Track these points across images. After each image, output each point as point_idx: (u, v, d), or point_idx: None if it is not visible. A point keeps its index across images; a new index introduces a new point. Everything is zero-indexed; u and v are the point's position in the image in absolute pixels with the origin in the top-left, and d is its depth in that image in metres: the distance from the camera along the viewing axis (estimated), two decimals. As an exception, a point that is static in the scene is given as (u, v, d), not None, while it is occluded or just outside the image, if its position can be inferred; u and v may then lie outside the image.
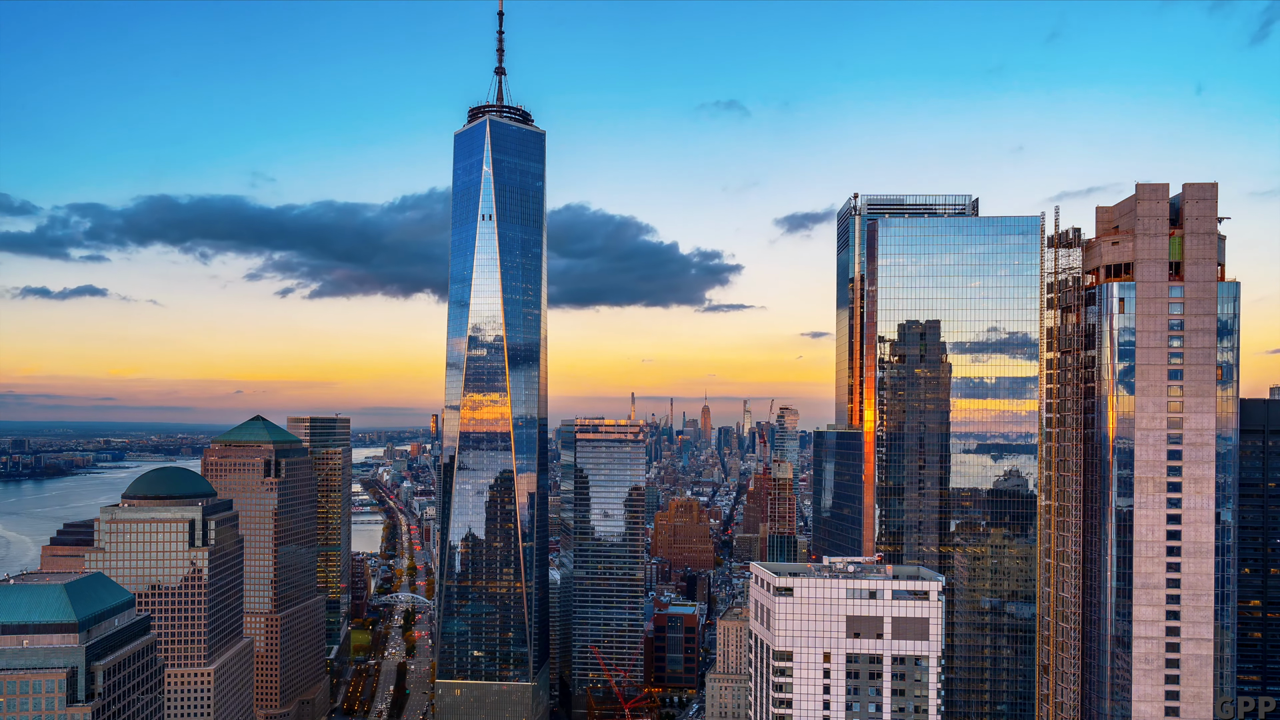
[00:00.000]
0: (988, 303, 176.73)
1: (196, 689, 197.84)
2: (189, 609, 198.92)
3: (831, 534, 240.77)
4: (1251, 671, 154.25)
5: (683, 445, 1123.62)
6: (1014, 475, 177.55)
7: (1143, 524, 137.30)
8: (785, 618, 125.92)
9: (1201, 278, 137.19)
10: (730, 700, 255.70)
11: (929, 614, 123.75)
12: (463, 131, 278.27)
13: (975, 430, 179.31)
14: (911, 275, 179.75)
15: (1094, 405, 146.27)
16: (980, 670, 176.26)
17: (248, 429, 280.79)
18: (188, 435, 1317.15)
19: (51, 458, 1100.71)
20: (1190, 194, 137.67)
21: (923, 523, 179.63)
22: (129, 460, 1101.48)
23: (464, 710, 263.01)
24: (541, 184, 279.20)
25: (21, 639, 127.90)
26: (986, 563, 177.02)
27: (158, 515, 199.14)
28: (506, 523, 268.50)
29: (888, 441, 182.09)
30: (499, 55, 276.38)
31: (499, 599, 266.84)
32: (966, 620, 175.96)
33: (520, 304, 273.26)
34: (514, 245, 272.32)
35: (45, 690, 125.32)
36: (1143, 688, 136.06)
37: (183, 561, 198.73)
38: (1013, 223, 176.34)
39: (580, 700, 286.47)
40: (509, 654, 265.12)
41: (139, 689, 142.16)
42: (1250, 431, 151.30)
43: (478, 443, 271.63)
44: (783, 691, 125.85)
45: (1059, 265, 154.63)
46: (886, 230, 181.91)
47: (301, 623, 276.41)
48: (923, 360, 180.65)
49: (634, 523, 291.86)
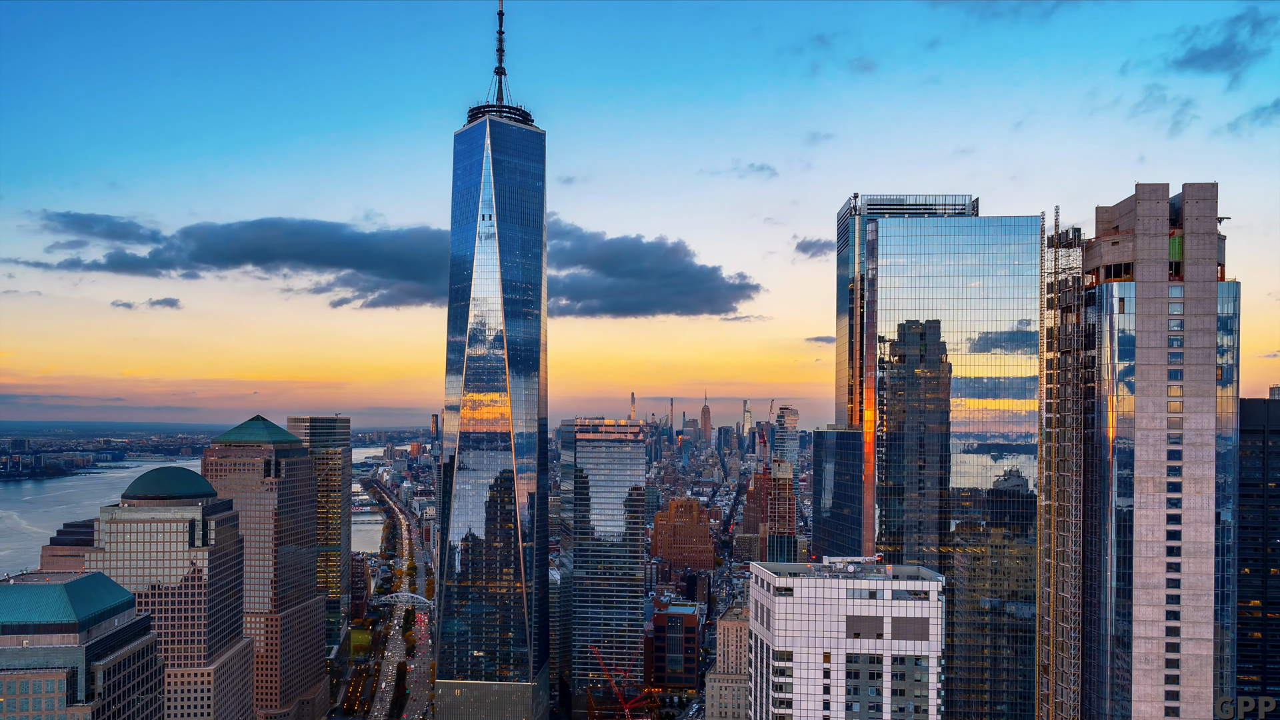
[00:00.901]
0: (988, 303, 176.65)
1: (196, 689, 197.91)
2: (189, 609, 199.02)
3: (831, 534, 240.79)
4: (1251, 671, 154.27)
5: (683, 445, 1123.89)
6: (1014, 475, 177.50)
7: (1143, 524, 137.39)
8: (785, 618, 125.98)
9: (1201, 278, 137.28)
10: (730, 700, 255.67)
11: (929, 614, 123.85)
12: (463, 131, 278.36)
13: (975, 430, 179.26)
14: (911, 275, 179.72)
15: (1094, 405, 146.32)
16: (980, 670, 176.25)
17: (248, 429, 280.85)
18: (188, 435, 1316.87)
19: (51, 458, 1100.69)
20: (1190, 194, 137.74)
21: (923, 523, 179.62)
22: (129, 460, 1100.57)
23: (464, 710, 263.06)
24: (541, 184, 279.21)
25: (21, 639, 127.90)
26: (986, 563, 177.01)
27: (158, 515, 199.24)
28: (506, 523, 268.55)
29: (888, 441, 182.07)
30: (499, 55, 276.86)
31: (499, 599, 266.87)
32: (966, 620, 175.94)
33: (520, 304, 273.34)
34: (514, 245, 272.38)
35: (45, 690, 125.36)
36: (1143, 688, 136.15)
37: (183, 561, 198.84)
38: (1013, 223, 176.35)
39: (580, 700, 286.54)
40: (509, 654, 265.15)
41: (139, 689, 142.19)
42: (1250, 431, 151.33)
43: (478, 443, 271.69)
44: (783, 691, 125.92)
45: (1059, 265, 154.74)
46: (886, 230, 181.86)
47: (301, 623, 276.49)
48: (923, 360, 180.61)
49: (634, 523, 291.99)
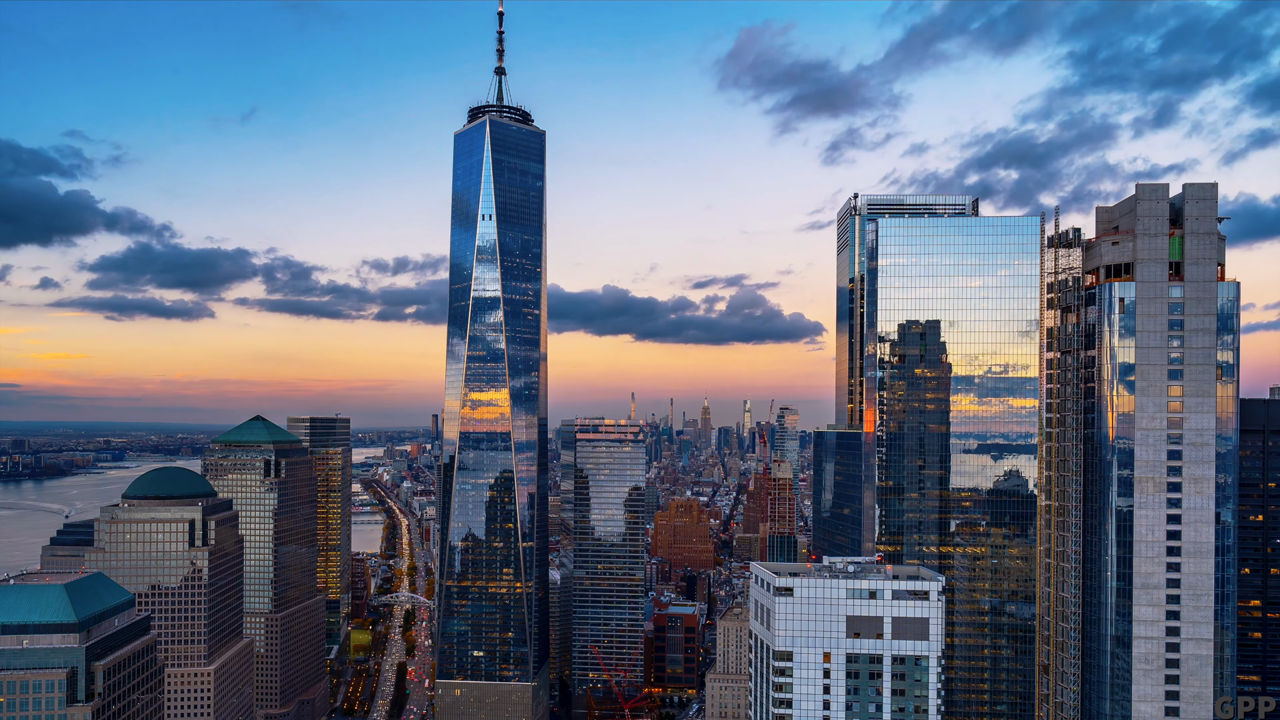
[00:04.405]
0: (987, 303, 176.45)
1: (196, 689, 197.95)
2: (189, 609, 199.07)
3: (831, 534, 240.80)
4: (1251, 671, 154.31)
5: (683, 445, 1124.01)
6: (1014, 475, 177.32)
7: (1143, 524, 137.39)
8: (785, 618, 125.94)
9: (1201, 278, 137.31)
10: (730, 700, 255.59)
11: (929, 614, 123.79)
12: (463, 131, 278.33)
13: (975, 430, 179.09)
14: (911, 275, 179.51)
15: (1094, 405, 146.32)
16: (980, 670, 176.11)
17: (248, 429, 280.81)
18: (188, 435, 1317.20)
19: (51, 457, 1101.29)
20: (1190, 194, 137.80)
21: (923, 523, 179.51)
22: (129, 460, 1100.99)
23: (464, 710, 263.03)
24: (541, 184, 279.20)
25: (21, 639, 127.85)
26: (986, 563, 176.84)
27: (158, 515, 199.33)
28: (506, 523, 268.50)
29: (888, 441, 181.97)
30: (499, 55, 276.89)
31: (499, 599, 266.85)
32: (966, 620, 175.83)
33: (520, 304, 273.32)
34: (514, 245, 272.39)
35: (45, 690, 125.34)
36: (1143, 688, 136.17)
37: (183, 561, 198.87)
38: (1013, 223, 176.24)
39: (580, 700, 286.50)
40: (509, 654, 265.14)
41: (139, 689, 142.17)
42: (1250, 431, 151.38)
43: (478, 443, 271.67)
44: (783, 691, 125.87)
45: (1059, 265, 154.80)
46: (887, 230, 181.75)
47: (301, 623, 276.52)
48: (923, 360, 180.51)
49: (634, 523, 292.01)
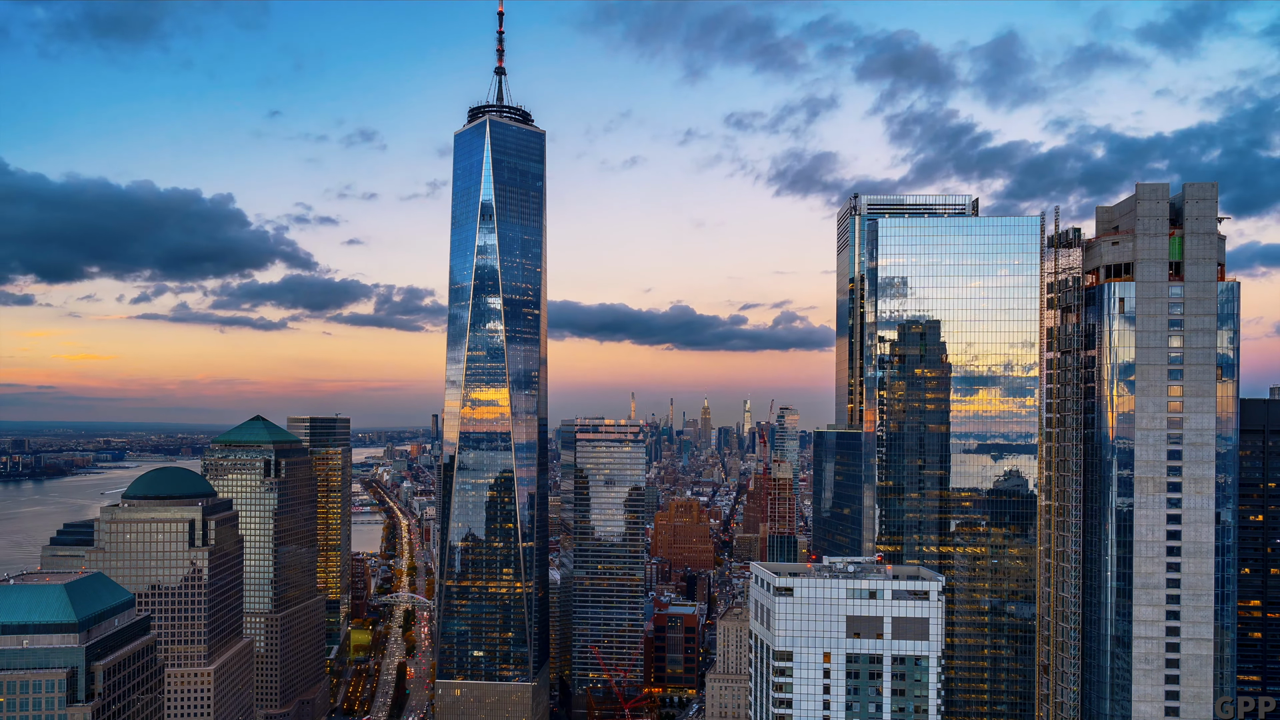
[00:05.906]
0: (988, 302, 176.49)
1: (196, 689, 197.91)
2: (189, 609, 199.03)
3: (831, 534, 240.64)
4: (1251, 671, 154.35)
5: (683, 445, 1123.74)
6: (1014, 475, 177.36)
7: (1143, 524, 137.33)
8: (785, 618, 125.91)
9: (1201, 277, 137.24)
10: (730, 700, 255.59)
11: (929, 614, 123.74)
12: (462, 131, 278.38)
13: (975, 430, 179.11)
14: (911, 275, 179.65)
15: (1094, 405, 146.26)
16: (980, 670, 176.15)
17: (248, 429, 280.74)
18: (188, 435, 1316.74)
19: (51, 457, 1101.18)
20: (1191, 194, 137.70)
21: (923, 523, 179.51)
22: (129, 460, 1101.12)
23: (464, 710, 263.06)
24: (541, 184, 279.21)
25: (21, 639, 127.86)
26: (986, 563, 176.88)
27: (158, 515, 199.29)
28: (506, 523, 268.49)
29: (888, 441, 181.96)
30: (499, 55, 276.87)
31: (499, 599, 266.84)
32: (966, 620, 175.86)
33: (520, 304, 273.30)
34: (514, 245, 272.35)
35: (45, 690, 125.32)
36: (1143, 688, 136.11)
37: (183, 561, 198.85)
38: (1012, 223, 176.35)
39: (580, 700, 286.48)
40: (509, 654, 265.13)
41: (139, 689, 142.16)
42: (1250, 431, 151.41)
43: (478, 443, 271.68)
44: (783, 691, 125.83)
45: (1059, 265, 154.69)
46: (887, 230, 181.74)
47: (301, 623, 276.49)
48: (923, 360, 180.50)
49: (634, 523, 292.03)
